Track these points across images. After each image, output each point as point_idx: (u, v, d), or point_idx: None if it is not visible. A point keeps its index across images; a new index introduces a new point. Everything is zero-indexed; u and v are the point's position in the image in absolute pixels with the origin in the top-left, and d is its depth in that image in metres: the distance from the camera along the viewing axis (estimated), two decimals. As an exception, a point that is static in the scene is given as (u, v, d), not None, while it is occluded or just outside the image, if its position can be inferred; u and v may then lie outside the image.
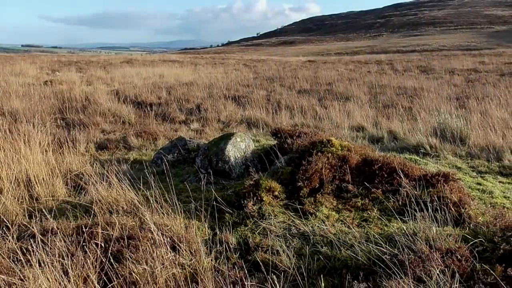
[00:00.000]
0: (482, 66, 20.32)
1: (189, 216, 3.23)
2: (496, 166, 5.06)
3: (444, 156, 5.51)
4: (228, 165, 4.41)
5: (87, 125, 7.33)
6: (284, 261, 2.63)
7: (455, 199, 3.27)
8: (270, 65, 25.23)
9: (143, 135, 6.63)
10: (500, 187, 4.33)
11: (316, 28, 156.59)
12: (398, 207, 3.34)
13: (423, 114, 7.90)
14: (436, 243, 2.60)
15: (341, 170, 3.76)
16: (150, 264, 2.46)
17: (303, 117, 8.63)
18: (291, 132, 4.82)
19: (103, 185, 3.48)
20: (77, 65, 21.79)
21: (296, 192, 3.59)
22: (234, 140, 4.63)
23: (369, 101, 10.59)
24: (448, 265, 2.37)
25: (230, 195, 3.64)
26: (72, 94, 9.96)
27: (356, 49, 61.78)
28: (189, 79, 15.36)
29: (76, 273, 2.32)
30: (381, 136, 6.87)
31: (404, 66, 22.22)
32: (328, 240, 2.89)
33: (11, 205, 3.40)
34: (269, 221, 3.16)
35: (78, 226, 2.89)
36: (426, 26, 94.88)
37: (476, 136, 6.04)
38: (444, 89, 12.46)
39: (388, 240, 2.80)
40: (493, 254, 2.52)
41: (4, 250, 2.55)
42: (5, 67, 17.16)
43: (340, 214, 3.36)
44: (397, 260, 2.45)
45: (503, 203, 3.79)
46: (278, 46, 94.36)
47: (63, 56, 34.16)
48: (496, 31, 73.51)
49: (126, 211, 3.28)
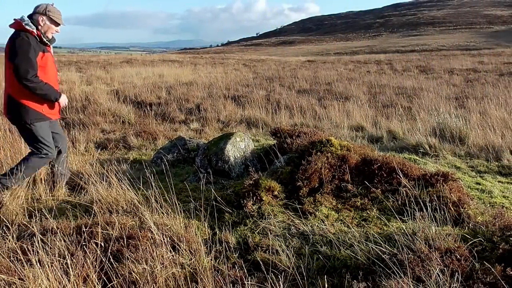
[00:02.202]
0: (481, 66, 20.34)
1: (188, 215, 3.24)
2: (495, 165, 5.06)
3: (443, 155, 5.51)
4: (228, 165, 4.41)
5: (87, 124, 7.33)
6: (283, 260, 2.64)
7: (454, 198, 3.28)
8: (269, 65, 25.25)
9: (142, 135, 6.64)
10: (499, 186, 4.34)
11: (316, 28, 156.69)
12: (398, 207, 3.34)
13: (422, 114, 7.92)
14: (435, 243, 2.61)
15: (341, 169, 3.76)
16: (150, 264, 2.46)
17: (302, 117, 8.64)
18: (290, 131, 4.82)
19: (103, 185, 3.48)
20: (77, 65, 21.77)
21: (295, 192, 3.59)
22: (233, 139, 4.63)
23: (369, 101, 10.60)
24: (447, 264, 2.38)
25: (230, 195, 3.64)
26: (72, 94, 9.97)
27: (356, 49, 61.82)
28: (188, 79, 15.37)
29: (76, 272, 2.32)
30: (381, 135, 6.88)
31: (403, 66, 22.25)
32: (328, 239, 2.90)
33: (11, 205, 3.40)
34: (269, 221, 3.17)
35: (78, 226, 2.89)
36: (425, 26, 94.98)
37: (475, 136, 6.05)
38: (443, 89, 12.48)
39: (387, 240, 2.80)
40: (492, 253, 2.53)
41: (4, 250, 2.56)
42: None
43: (339, 213, 3.36)
44: (396, 260, 2.45)
45: (502, 203, 3.80)
46: (277, 46, 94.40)
47: (63, 56, 34.12)
48: (495, 31, 73.58)
49: (126, 211, 3.28)
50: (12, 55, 3.54)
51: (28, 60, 3.54)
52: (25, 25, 3.59)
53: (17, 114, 3.73)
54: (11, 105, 3.74)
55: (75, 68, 18.99)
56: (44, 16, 3.69)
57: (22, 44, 3.55)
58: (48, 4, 3.75)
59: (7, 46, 3.63)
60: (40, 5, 3.75)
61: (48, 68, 3.80)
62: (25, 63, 3.53)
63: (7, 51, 3.63)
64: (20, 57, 3.52)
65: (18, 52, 3.53)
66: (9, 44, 3.62)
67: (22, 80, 3.53)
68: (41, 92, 3.66)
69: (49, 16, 3.71)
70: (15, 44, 3.55)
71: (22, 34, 3.58)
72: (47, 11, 3.71)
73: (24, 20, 3.62)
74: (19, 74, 3.52)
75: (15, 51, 3.54)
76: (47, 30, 3.74)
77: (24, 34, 3.58)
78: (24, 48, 3.54)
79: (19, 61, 3.52)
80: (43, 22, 3.70)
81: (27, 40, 3.56)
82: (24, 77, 3.53)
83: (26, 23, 3.61)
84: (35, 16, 3.68)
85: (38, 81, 3.61)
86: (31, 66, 3.56)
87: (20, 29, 3.61)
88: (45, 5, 3.74)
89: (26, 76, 3.53)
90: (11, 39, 3.61)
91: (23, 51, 3.53)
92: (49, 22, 3.73)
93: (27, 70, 3.53)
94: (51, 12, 3.72)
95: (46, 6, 3.73)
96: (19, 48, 3.54)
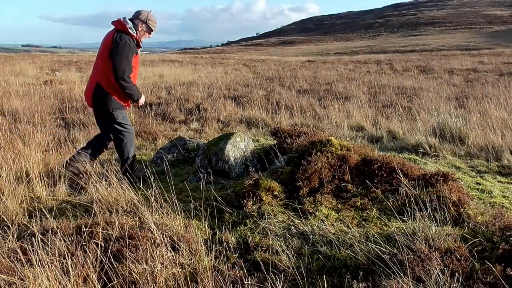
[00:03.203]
0: (481, 66, 20.35)
1: (188, 215, 3.24)
2: (495, 165, 5.06)
3: (443, 155, 5.51)
4: (228, 165, 4.41)
5: (87, 124, 7.32)
6: (283, 260, 2.64)
7: (454, 198, 3.28)
8: (269, 65, 25.25)
9: (142, 135, 6.63)
10: (499, 186, 4.34)
11: (316, 28, 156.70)
12: (398, 207, 3.34)
13: (422, 114, 7.91)
14: (435, 243, 2.61)
15: (341, 169, 3.76)
16: (150, 264, 2.46)
17: (302, 117, 8.64)
18: (290, 131, 4.82)
19: (103, 185, 3.48)
20: (77, 65, 21.72)
21: (295, 192, 3.59)
22: (233, 139, 4.63)
23: (369, 101, 10.61)
24: (447, 264, 2.38)
25: (230, 195, 3.64)
26: (72, 94, 9.95)
27: (356, 49, 61.82)
28: (188, 79, 15.37)
29: (76, 272, 2.32)
30: (381, 135, 6.88)
31: (403, 66, 22.25)
32: (328, 239, 2.90)
33: (11, 205, 3.40)
34: (269, 221, 3.17)
35: (78, 226, 2.89)
36: (425, 26, 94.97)
37: (475, 135, 6.04)
38: (443, 89, 12.48)
39: (387, 240, 2.80)
40: (492, 253, 2.52)
41: (4, 250, 2.55)
42: (5, 67, 17.11)
43: (339, 213, 3.36)
44: (396, 260, 2.45)
45: (502, 203, 3.80)
46: (277, 46, 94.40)
47: (63, 56, 34.05)
48: (495, 31, 73.58)
49: (126, 211, 3.28)
50: (114, 54, 3.92)
51: (127, 63, 3.97)
52: (129, 28, 4.03)
53: (102, 102, 4.19)
54: (98, 93, 4.17)
55: (75, 68, 18.96)
56: (144, 24, 4.17)
57: (125, 47, 3.95)
58: (149, 13, 4.19)
59: (108, 42, 3.99)
60: (142, 12, 4.18)
61: (135, 68, 4.22)
62: (124, 65, 3.95)
63: (107, 47, 3.99)
64: (121, 58, 3.92)
65: (120, 53, 3.92)
66: (111, 42, 3.97)
67: (119, 79, 3.96)
68: (129, 92, 4.12)
69: (148, 24, 4.19)
70: (119, 45, 3.93)
71: (126, 37, 3.99)
72: (147, 19, 4.18)
73: (127, 23, 4.04)
74: (118, 74, 3.93)
75: (118, 51, 3.92)
76: (142, 35, 4.22)
77: (127, 37, 3.99)
78: (126, 51, 3.95)
79: (119, 62, 3.92)
80: (142, 28, 4.17)
81: (129, 44, 3.99)
82: (121, 77, 3.96)
83: (130, 26, 4.05)
84: (136, 22, 4.13)
85: (130, 81, 4.08)
86: (128, 68, 4.00)
87: (123, 31, 4.02)
88: (146, 14, 4.18)
89: (123, 76, 3.97)
90: (114, 38, 3.97)
91: (125, 54, 3.94)
92: (146, 29, 4.21)
93: (124, 71, 3.96)
94: (150, 21, 4.20)
95: (147, 15, 4.17)
96: (122, 50, 3.93)
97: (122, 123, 4.33)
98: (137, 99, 4.32)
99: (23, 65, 18.09)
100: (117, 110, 4.26)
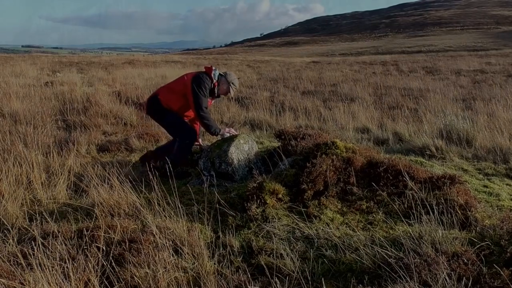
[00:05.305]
0: (488, 67, 20.19)
1: (191, 219, 3.21)
2: (503, 168, 4.99)
3: (450, 158, 5.44)
4: (231, 167, 4.38)
5: (88, 126, 7.30)
6: (288, 264, 2.60)
7: (461, 201, 3.22)
8: (273, 66, 25.23)
9: (145, 137, 6.60)
10: (507, 189, 4.27)
11: (321, 28, 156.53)
12: (404, 210, 3.30)
13: (429, 116, 7.84)
14: (442, 246, 2.57)
15: (346, 172, 3.71)
16: (152, 268, 2.43)
17: (307, 119, 8.59)
18: (295, 134, 4.78)
19: (104, 188, 3.46)
20: (78, 66, 21.65)
21: (300, 195, 3.55)
22: (237, 142, 4.59)
23: (374, 103, 10.54)
24: (454, 268, 2.34)
25: (233, 198, 3.61)
26: (73, 95, 9.90)
27: (361, 49, 61.64)
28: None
29: (77, 276, 2.30)
30: (386, 137, 6.82)
31: (409, 67, 22.13)
32: (333, 243, 2.86)
33: (11, 208, 3.38)
34: (273, 224, 3.13)
35: (79, 229, 2.87)
36: (432, 27, 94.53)
37: (483, 138, 5.97)
38: (450, 90, 12.39)
39: (393, 243, 2.76)
40: (500, 257, 2.49)
41: (5, 254, 2.53)
42: (5, 68, 17.07)
43: (345, 217, 3.32)
44: (402, 264, 2.41)
45: (510, 206, 3.73)
46: (282, 46, 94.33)
47: (64, 57, 34.00)
48: (503, 31, 73.08)
49: (128, 214, 3.25)
50: (198, 89, 4.59)
51: (205, 98, 4.65)
52: (213, 75, 4.73)
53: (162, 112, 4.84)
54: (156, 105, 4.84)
55: (76, 69, 18.85)
56: (227, 84, 4.83)
57: (206, 87, 4.65)
58: (235, 78, 4.91)
59: (197, 77, 4.66)
60: (231, 75, 4.90)
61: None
62: (202, 99, 4.61)
63: (193, 79, 4.64)
64: (201, 94, 4.60)
65: (202, 90, 4.61)
66: (198, 78, 4.66)
67: (199, 110, 4.60)
68: (207, 122, 4.67)
69: (230, 86, 4.85)
70: (204, 83, 4.63)
71: (209, 81, 4.69)
72: (231, 83, 4.84)
73: (215, 71, 4.77)
74: (198, 106, 4.60)
75: (201, 87, 4.61)
76: (220, 91, 4.86)
77: (210, 81, 4.71)
78: (207, 89, 4.67)
79: (199, 97, 4.59)
80: (223, 86, 4.83)
81: (210, 86, 4.71)
82: (201, 108, 4.60)
83: (215, 74, 4.75)
84: (223, 78, 4.83)
85: (208, 112, 4.72)
86: (205, 102, 4.65)
87: (209, 74, 4.73)
88: (234, 77, 4.89)
89: (202, 107, 4.60)
90: (201, 77, 4.66)
91: (205, 92, 4.64)
92: (226, 88, 4.85)
93: (203, 103, 4.61)
94: (233, 85, 4.88)
95: (233, 79, 4.86)
96: (205, 88, 4.63)
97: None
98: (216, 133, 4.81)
99: (23, 66, 17.98)
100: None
